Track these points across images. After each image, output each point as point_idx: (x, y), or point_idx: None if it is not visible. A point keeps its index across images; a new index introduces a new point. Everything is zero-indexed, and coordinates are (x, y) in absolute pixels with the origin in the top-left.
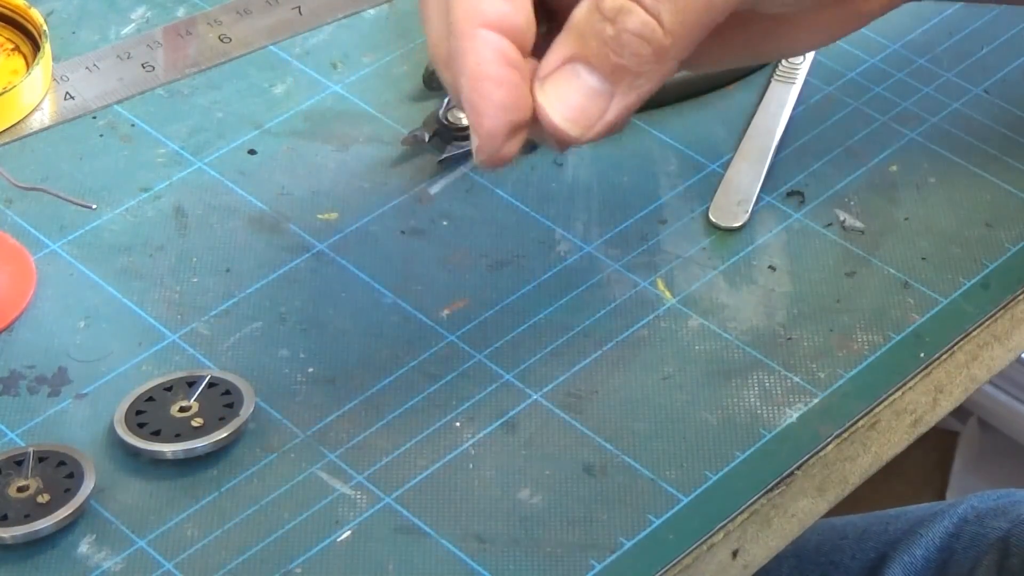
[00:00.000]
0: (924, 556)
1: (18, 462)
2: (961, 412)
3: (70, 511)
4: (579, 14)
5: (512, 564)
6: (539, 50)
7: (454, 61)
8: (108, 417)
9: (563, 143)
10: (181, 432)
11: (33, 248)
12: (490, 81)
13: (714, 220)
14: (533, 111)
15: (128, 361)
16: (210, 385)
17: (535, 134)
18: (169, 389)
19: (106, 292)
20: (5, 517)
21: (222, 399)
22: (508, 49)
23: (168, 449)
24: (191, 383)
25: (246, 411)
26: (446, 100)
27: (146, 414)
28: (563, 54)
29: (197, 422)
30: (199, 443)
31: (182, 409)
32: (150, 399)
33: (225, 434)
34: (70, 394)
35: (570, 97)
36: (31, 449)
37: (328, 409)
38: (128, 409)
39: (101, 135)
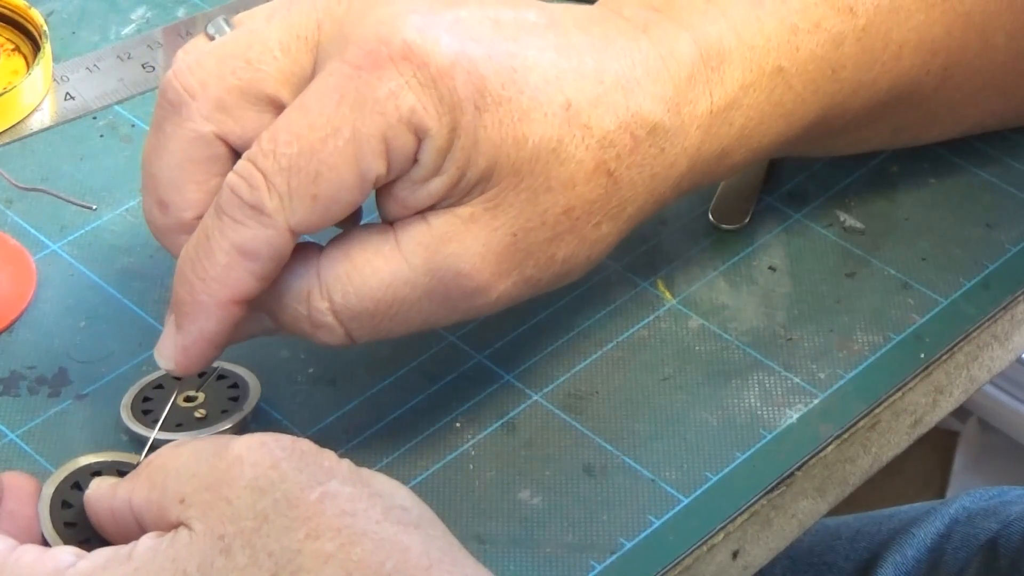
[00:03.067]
0: (915, 556)
1: (200, 374)
2: (961, 412)
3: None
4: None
5: (512, 564)
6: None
7: (193, 310)
8: (109, 418)
9: None
10: (183, 422)
11: (33, 248)
12: (211, 345)
13: (714, 220)
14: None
15: (128, 362)
16: (219, 377)
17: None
18: (179, 378)
19: (106, 292)
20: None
21: (228, 392)
22: (240, 316)
23: (165, 438)
24: (201, 373)
25: (249, 405)
26: None
27: (152, 401)
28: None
29: (200, 413)
30: (199, 434)
31: (188, 399)
32: (159, 387)
33: (226, 426)
34: (70, 395)
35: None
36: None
37: (328, 410)
38: (136, 396)
39: (101, 135)
